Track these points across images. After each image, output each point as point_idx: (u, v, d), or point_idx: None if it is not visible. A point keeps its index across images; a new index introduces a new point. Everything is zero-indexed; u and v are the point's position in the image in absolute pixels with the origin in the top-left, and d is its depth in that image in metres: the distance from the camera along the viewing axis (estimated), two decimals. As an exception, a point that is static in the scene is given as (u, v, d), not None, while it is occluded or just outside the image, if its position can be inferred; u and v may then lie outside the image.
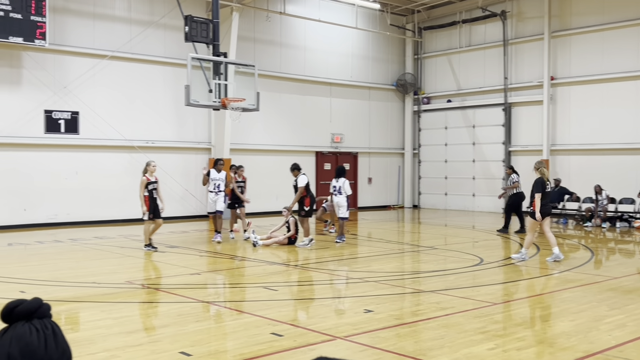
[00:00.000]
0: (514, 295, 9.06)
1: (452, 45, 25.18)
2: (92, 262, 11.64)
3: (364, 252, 13.39)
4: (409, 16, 26.02)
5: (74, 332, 6.47)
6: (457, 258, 12.18)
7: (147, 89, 19.40)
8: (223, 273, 11.05)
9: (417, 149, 26.62)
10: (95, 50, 18.28)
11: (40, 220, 17.40)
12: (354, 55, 24.76)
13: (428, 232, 18.14)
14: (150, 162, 12.97)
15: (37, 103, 17.32)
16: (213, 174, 14.35)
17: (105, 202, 18.48)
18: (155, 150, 19.19)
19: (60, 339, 1.48)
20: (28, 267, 11.04)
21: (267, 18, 21.84)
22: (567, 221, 19.32)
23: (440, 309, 7.66)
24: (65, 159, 17.88)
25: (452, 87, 25.27)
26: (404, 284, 9.61)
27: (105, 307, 7.84)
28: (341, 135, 24.31)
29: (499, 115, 23.57)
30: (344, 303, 8.56)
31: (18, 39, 16.18)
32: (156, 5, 19.47)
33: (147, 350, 5.96)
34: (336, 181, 14.42)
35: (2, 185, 16.83)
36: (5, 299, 6.29)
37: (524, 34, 22.96)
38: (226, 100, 14.04)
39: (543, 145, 22.03)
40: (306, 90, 23.27)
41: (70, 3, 17.92)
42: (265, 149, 22.01)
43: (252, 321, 7.08)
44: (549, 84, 21.92)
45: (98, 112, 18.22)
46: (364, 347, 6.06)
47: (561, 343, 6.24)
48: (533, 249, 13.17)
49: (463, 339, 6.28)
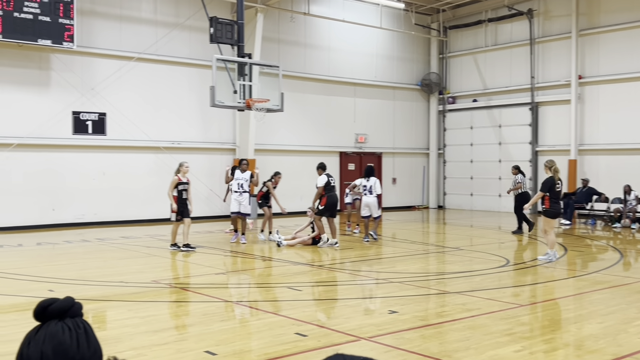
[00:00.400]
0: (541, 297, 8.94)
1: (478, 44, 24.98)
2: (119, 261, 11.78)
3: (389, 253, 13.34)
4: (434, 15, 25.86)
5: (102, 331, 6.55)
6: (483, 259, 12.07)
7: (173, 90, 19.57)
8: (248, 273, 11.09)
9: (442, 149, 26.46)
10: (122, 52, 18.50)
11: (68, 220, 17.66)
12: (379, 55, 24.69)
13: (453, 232, 18.02)
14: (184, 162, 13.09)
15: (65, 104, 17.58)
16: (237, 174, 14.37)
17: (132, 202, 18.69)
18: (180, 150, 19.36)
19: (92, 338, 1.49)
20: (56, 266, 11.20)
21: (291, 19, 21.89)
22: (595, 222, 19.03)
23: (465, 310, 7.59)
24: (93, 160, 18.12)
25: (477, 87, 25.07)
26: (428, 285, 9.55)
27: (132, 306, 7.92)
28: (365, 135, 24.27)
29: (526, 114, 23.32)
30: (369, 304, 8.54)
31: (47, 41, 16.44)
32: (181, 7, 19.63)
33: (172, 349, 6.01)
34: (367, 181, 14.42)
35: (32, 185, 17.11)
36: (35, 297, 6.36)
37: (551, 32, 22.69)
38: (251, 101, 14.10)
39: (571, 145, 21.74)
40: (330, 91, 23.27)
41: (98, 6, 18.15)
42: (290, 149, 22.05)
43: (277, 321, 7.10)
44: (577, 83, 21.63)
45: (124, 114, 18.43)
46: (389, 348, 6.04)
47: (589, 346, 6.14)
48: (560, 249, 13.00)
49: (489, 341, 6.22)
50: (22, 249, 13.54)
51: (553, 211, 11.46)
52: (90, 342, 1.47)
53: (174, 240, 13.05)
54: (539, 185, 22.05)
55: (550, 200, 11.41)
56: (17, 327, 6.71)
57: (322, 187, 13.63)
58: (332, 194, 13.73)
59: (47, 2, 16.34)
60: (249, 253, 13.00)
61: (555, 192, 11.46)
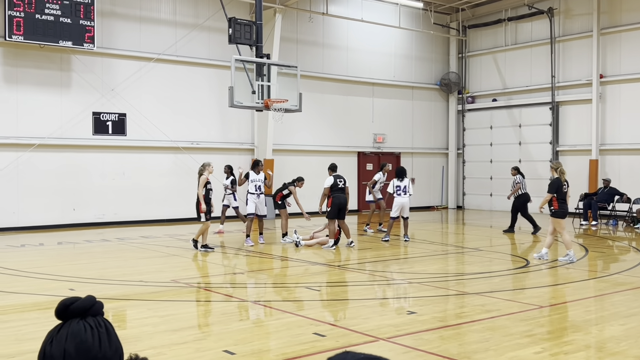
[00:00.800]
0: (561, 298, 8.85)
1: (498, 43, 24.80)
2: (138, 260, 11.88)
3: (407, 253, 13.30)
4: (453, 15, 25.73)
5: (121, 330, 6.60)
6: (502, 260, 11.99)
7: (192, 91, 19.68)
8: (266, 273, 11.12)
9: (461, 149, 26.31)
10: (142, 53, 18.64)
11: (88, 219, 17.83)
12: (397, 54, 24.62)
13: (472, 233, 17.91)
14: (210, 162, 13.20)
15: (86, 105, 17.76)
16: (252, 176, 14.16)
17: (151, 202, 18.82)
18: (199, 151, 19.46)
19: (114, 337, 1.50)
20: (77, 265, 11.32)
21: (309, 19, 21.90)
22: (617, 223, 18.80)
23: (485, 311, 7.54)
24: (113, 160, 18.28)
25: (497, 86, 24.89)
26: (447, 285, 9.50)
27: (152, 305, 7.98)
28: (383, 135, 24.20)
29: (546, 114, 23.10)
30: (387, 304, 8.51)
31: (67, 42, 16.62)
32: (201, 8, 19.74)
33: (192, 348, 6.04)
34: (400, 181, 14.40)
35: (53, 185, 17.30)
36: (56, 296, 6.42)
37: (571, 31, 22.46)
38: (269, 101, 14.13)
39: (592, 145, 21.51)
40: (348, 91, 23.25)
41: (118, 7, 18.31)
42: (308, 149, 22.06)
43: (295, 321, 7.10)
44: (598, 82, 21.38)
45: (144, 114, 18.57)
46: (407, 348, 6.01)
47: (610, 348, 6.07)
48: (581, 250, 12.86)
49: (508, 342, 6.17)
50: (44, 248, 13.70)
51: (562, 211, 11.51)
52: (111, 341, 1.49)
53: (205, 240, 12.98)
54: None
55: (558, 201, 11.49)
56: (38, 325, 6.79)
57: (327, 188, 13.56)
58: (339, 194, 13.45)
59: (68, 3, 16.52)
60: (267, 253, 13.03)
61: (563, 193, 11.54)
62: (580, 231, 17.38)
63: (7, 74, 16.70)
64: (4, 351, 5.88)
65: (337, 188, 13.50)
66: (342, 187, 13.58)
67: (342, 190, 13.53)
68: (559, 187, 11.48)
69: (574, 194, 21.32)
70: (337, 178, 13.64)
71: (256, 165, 14.41)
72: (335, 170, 14.01)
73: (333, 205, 13.33)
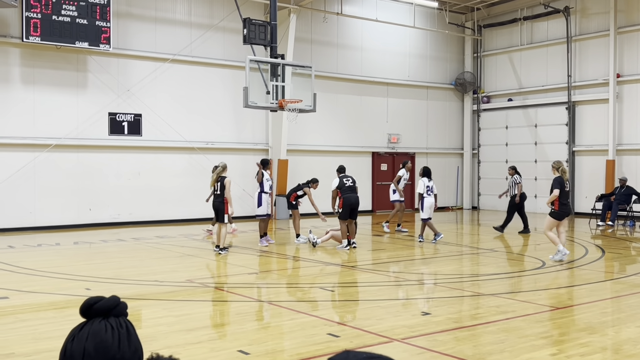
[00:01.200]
0: (577, 299, 8.78)
1: (513, 42, 24.66)
2: (153, 260, 11.94)
3: (422, 254, 13.25)
4: (468, 14, 25.61)
5: (137, 329, 6.61)
6: (518, 261, 11.91)
7: (207, 91, 19.76)
8: (280, 273, 11.13)
9: (476, 149, 26.18)
10: (157, 53, 18.75)
11: (104, 219, 17.96)
12: (412, 54, 24.55)
13: (488, 234, 17.82)
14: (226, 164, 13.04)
15: (102, 106, 17.89)
16: (267, 175, 14.10)
17: (166, 202, 18.93)
18: (214, 151, 19.53)
19: (134, 338, 1.52)
20: (93, 265, 11.40)
21: (324, 19, 21.90)
22: (634, 223, 18.60)
23: (500, 312, 7.50)
24: (128, 160, 18.40)
25: (513, 86, 24.75)
26: (462, 286, 9.46)
27: (167, 305, 8.02)
28: (398, 135, 24.15)
29: (563, 114, 22.93)
30: (401, 305, 8.49)
31: (84, 43, 16.76)
32: (215, 9, 19.81)
33: (206, 347, 6.07)
34: (429, 181, 14.55)
35: (69, 185, 17.45)
36: (72, 295, 6.46)
37: (588, 30, 22.28)
38: (283, 101, 14.15)
39: (609, 145, 21.31)
40: (363, 91, 23.22)
41: (133, 8, 18.43)
42: (322, 149, 22.06)
43: (309, 321, 7.10)
44: (615, 81, 21.19)
45: (159, 114, 18.68)
46: (422, 350, 5.99)
47: (627, 350, 6.01)
48: (598, 251, 12.74)
49: (524, 344, 6.13)
50: (60, 248, 13.82)
51: (561, 213, 11.40)
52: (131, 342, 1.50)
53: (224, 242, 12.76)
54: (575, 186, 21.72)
55: (560, 202, 11.36)
56: (55, 324, 6.85)
57: (335, 190, 13.51)
58: (350, 194, 13.25)
59: (84, 5, 16.65)
60: (282, 253, 13.04)
61: (565, 193, 11.41)
62: (597, 232, 17.22)
63: (24, 74, 16.87)
64: (21, 350, 5.94)
65: (346, 188, 13.30)
66: (351, 186, 13.37)
67: (352, 190, 13.34)
68: (562, 185, 11.39)
69: (590, 195, 21.22)
70: (343, 178, 13.50)
71: (267, 164, 14.36)
72: (342, 171, 14.01)
73: (345, 206, 13.15)
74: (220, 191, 12.56)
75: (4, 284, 9.22)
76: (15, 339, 6.34)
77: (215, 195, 12.77)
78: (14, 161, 16.68)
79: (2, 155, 16.60)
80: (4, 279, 9.71)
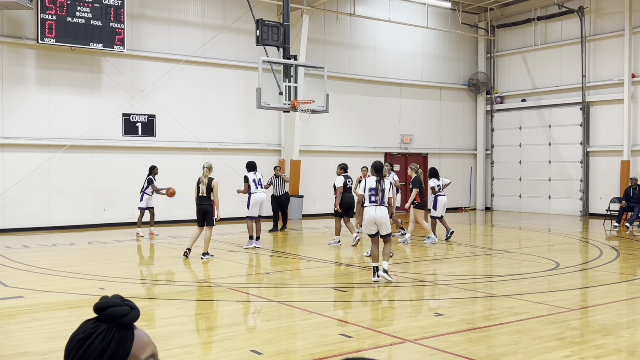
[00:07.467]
0: (591, 301, 8.72)
1: (527, 43, 24.53)
2: (166, 260, 11.99)
3: (435, 255, 13.22)
4: (482, 14, 25.50)
5: (150, 329, 6.67)
6: (531, 262, 11.85)
7: (220, 92, 19.83)
8: (293, 273, 11.14)
9: (489, 150, 26.06)
10: (170, 55, 18.83)
11: (118, 219, 18.07)
12: (425, 55, 24.49)
13: (501, 235, 17.73)
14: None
15: (116, 106, 18.00)
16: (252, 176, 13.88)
17: (179, 202, 18.96)
18: (227, 152, 19.59)
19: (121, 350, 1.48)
20: (107, 265, 11.47)
21: (337, 20, 21.90)
22: (649, 224, 18.42)
23: (513, 314, 7.46)
24: (142, 161, 18.48)
25: (526, 86, 24.62)
26: (475, 287, 9.43)
27: (180, 305, 8.05)
28: (411, 136, 24.09)
29: (577, 114, 22.77)
30: (414, 306, 8.47)
31: (98, 45, 16.87)
32: (228, 10, 19.87)
33: (219, 347, 6.09)
34: (439, 180, 15.19)
35: (84, 185, 17.58)
36: (86, 295, 6.50)
37: (602, 30, 22.11)
38: (296, 102, 14.17)
39: (623, 146, 21.14)
40: (375, 91, 23.19)
41: (147, 10, 18.53)
42: (334, 150, 22.05)
43: (322, 321, 7.11)
44: (630, 81, 21.02)
45: (173, 115, 18.76)
46: (435, 350, 5.98)
47: (643, 352, 5.96)
48: (612, 252, 12.64)
49: (538, 345, 6.10)
50: (74, 248, 13.92)
51: (423, 203, 14.49)
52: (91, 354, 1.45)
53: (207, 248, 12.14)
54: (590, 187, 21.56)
55: (420, 196, 14.40)
56: (69, 323, 6.90)
57: (339, 187, 14.23)
58: (347, 194, 14.23)
59: (99, 6, 16.76)
60: (294, 253, 13.05)
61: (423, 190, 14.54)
62: (612, 233, 17.08)
63: (39, 76, 17.01)
64: (36, 349, 5.99)
65: (345, 187, 14.36)
66: (349, 186, 14.45)
67: (349, 190, 14.40)
68: (421, 184, 14.27)
69: (605, 195, 21.06)
70: (346, 178, 14.44)
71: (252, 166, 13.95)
72: (345, 170, 14.65)
73: (342, 206, 14.21)
74: (207, 193, 11.88)
75: (19, 284, 9.31)
76: (30, 337, 6.40)
77: (201, 197, 11.97)
78: (29, 162, 16.82)
79: (18, 155, 16.76)
80: (19, 279, 9.79)
